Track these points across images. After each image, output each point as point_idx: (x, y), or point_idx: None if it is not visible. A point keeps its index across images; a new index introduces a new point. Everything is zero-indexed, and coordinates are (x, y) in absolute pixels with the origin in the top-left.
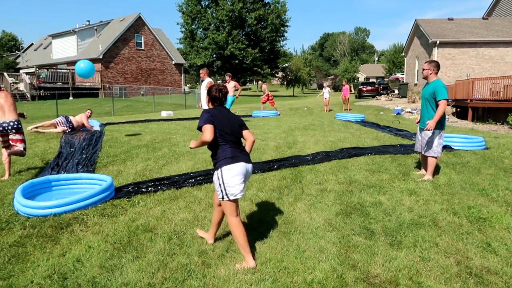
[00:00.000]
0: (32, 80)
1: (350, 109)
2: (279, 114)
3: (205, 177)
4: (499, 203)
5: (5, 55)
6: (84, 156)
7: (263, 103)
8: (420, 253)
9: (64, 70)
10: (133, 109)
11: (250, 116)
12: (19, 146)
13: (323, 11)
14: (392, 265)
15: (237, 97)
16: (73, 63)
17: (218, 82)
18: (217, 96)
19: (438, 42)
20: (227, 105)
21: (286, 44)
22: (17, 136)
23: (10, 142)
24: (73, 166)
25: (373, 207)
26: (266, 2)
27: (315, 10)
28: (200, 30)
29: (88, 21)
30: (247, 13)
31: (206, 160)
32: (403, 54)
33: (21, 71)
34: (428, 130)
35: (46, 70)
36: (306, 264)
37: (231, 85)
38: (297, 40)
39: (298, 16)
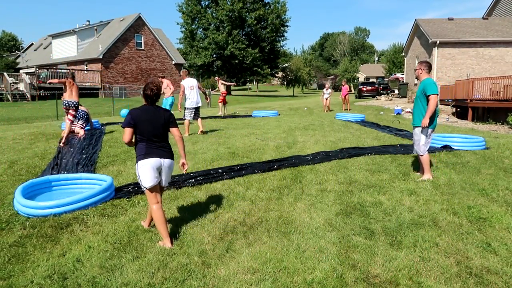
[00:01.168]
0: (32, 80)
1: (350, 109)
2: (224, 116)
3: (205, 177)
4: (499, 203)
5: (5, 55)
6: (84, 156)
7: (222, 103)
8: (420, 253)
9: (64, 70)
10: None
11: (250, 116)
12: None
13: (323, 11)
14: (392, 265)
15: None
16: (73, 63)
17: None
18: (147, 94)
19: (438, 42)
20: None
21: (286, 44)
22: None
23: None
24: (73, 166)
25: (373, 207)
26: (266, 2)
27: (315, 10)
28: (200, 30)
29: (88, 21)
30: (247, 13)
31: (206, 160)
32: (403, 54)
33: (21, 71)
34: (423, 127)
35: (46, 70)
36: (306, 264)
37: (164, 85)
38: (297, 40)
39: (298, 16)
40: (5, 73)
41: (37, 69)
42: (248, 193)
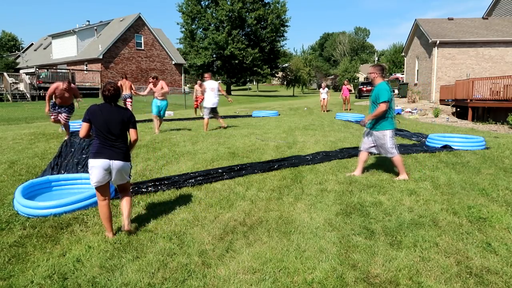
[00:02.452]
0: (32, 80)
1: (350, 109)
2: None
3: (205, 177)
4: (499, 203)
5: (5, 55)
6: (84, 156)
7: (197, 107)
8: (420, 253)
9: (64, 70)
10: (133, 109)
11: (250, 116)
12: None
13: (323, 11)
14: (392, 265)
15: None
16: (73, 63)
17: (219, 82)
18: (105, 95)
19: (438, 42)
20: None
21: (286, 44)
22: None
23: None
24: (73, 166)
25: (373, 207)
26: (266, 2)
27: (315, 10)
28: (200, 30)
29: (88, 21)
30: (247, 13)
31: (206, 160)
32: (403, 54)
33: (21, 71)
34: (363, 124)
35: (46, 70)
36: (306, 264)
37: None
38: (297, 40)
39: (298, 16)
40: (5, 73)
41: (37, 69)
42: (248, 193)
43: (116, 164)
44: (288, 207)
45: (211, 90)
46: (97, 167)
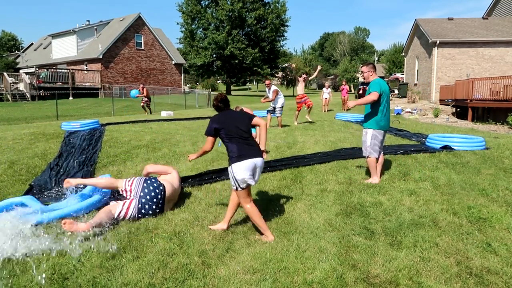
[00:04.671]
0: (32, 80)
1: (349, 109)
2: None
3: (205, 177)
4: (499, 203)
5: (5, 55)
6: (84, 156)
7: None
8: (420, 253)
9: (64, 70)
10: (133, 109)
11: None
12: None
13: (323, 11)
14: (392, 265)
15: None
16: (73, 63)
17: (218, 82)
18: (218, 106)
19: (438, 42)
20: None
21: (286, 44)
22: None
23: None
24: (73, 166)
25: (373, 207)
26: (266, 2)
27: (315, 10)
28: (200, 30)
29: (88, 21)
30: (247, 13)
31: (206, 160)
32: (403, 54)
33: (21, 71)
34: (347, 108)
35: (46, 70)
36: (306, 264)
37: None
38: (297, 40)
39: (298, 16)
40: (5, 73)
41: (37, 69)
42: None
43: (259, 161)
44: (288, 207)
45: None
46: (245, 168)
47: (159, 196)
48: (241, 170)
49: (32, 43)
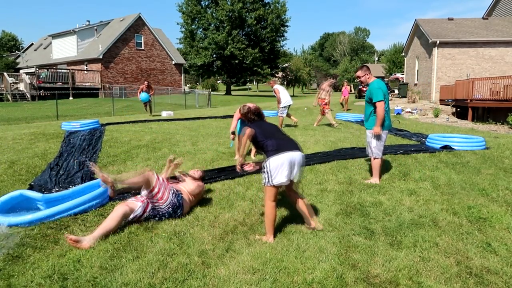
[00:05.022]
0: (32, 80)
1: (349, 109)
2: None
3: (205, 177)
4: (499, 203)
5: (5, 55)
6: (84, 156)
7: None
8: (420, 253)
9: (64, 70)
10: (133, 109)
11: None
12: None
13: (323, 11)
14: (392, 265)
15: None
16: (73, 63)
17: (218, 82)
18: (252, 119)
19: (438, 42)
20: None
21: (286, 44)
22: None
23: None
24: (73, 167)
25: (373, 207)
26: (266, 2)
27: (315, 10)
28: (200, 30)
29: (88, 21)
30: (247, 13)
31: (206, 160)
32: (403, 54)
33: (21, 71)
34: (375, 134)
35: (46, 70)
36: (306, 264)
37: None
38: (297, 40)
39: (298, 16)
40: (5, 73)
41: (37, 69)
42: (248, 193)
43: (298, 156)
44: (288, 207)
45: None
46: (282, 162)
47: (174, 214)
48: (278, 164)
49: (32, 43)
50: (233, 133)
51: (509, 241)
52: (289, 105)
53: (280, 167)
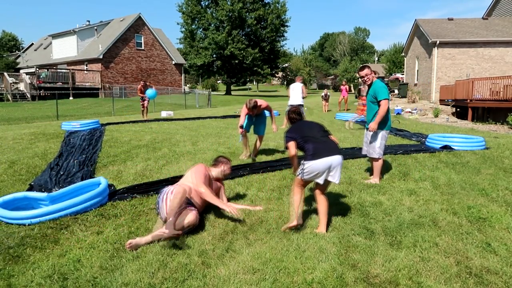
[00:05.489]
0: (32, 80)
1: (348, 109)
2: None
3: None
4: (499, 203)
5: (5, 55)
6: (84, 156)
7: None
8: (420, 253)
9: (64, 70)
10: (133, 109)
11: None
12: None
13: (323, 11)
14: (392, 265)
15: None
16: (73, 63)
17: (218, 82)
18: (294, 118)
19: (438, 42)
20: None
21: (286, 44)
22: None
23: None
24: (73, 166)
25: (373, 207)
26: (266, 2)
27: (315, 10)
28: (200, 30)
29: (88, 21)
30: (247, 13)
31: (206, 160)
32: (403, 54)
33: (21, 71)
34: (371, 131)
35: (46, 70)
36: (306, 264)
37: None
38: (297, 40)
39: (298, 16)
40: (5, 73)
41: (37, 69)
42: (248, 193)
43: (336, 159)
44: (288, 207)
45: (291, 89)
46: (318, 167)
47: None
48: (314, 170)
49: (32, 43)
50: (242, 126)
51: (509, 241)
52: (292, 105)
53: (314, 173)
